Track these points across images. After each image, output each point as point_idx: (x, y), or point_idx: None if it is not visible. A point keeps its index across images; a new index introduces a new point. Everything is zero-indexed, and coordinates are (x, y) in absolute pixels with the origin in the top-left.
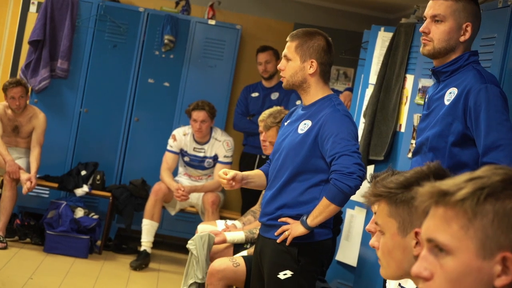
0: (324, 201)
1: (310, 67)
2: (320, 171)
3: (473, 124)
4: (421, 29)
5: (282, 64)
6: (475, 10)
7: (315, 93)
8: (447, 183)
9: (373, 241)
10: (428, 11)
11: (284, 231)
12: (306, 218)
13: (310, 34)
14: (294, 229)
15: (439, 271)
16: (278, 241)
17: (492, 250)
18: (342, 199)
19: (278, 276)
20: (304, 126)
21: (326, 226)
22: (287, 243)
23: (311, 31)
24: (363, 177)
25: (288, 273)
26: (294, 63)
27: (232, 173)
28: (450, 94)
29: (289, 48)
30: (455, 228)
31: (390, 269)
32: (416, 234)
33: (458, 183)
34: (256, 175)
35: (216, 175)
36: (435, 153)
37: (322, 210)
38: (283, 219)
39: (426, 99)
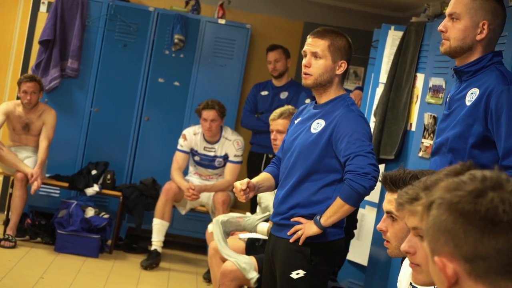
0: (338, 201)
1: (339, 67)
2: (333, 170)
3: (494, 126)
4: (439, 27)
5: (308, 61)
6: (494, 8)
7: (331, 92)
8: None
9: (381, 225)
10: (447, 10)
11: (297, 231)
12: (320, 218)
13: (339, 34)
14: (307, 228)
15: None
16: (291, 240)
17: (434, 253)
18: (357, 199)
19: (291, 275)
20: (317, 125)
21: (338, 226)
22: (300, 242)
23: (337, 31)
24: (377, 178)
25: (301, 273)
26: (326, 62)
27: (244, 182)
28: (472, 95)
29: (321, 46)
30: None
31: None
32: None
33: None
34: (265, 179)
35: (227, 174)
36: (455, 154)
37: (336, 210)
38: (296, 218)
39: (447, 99)
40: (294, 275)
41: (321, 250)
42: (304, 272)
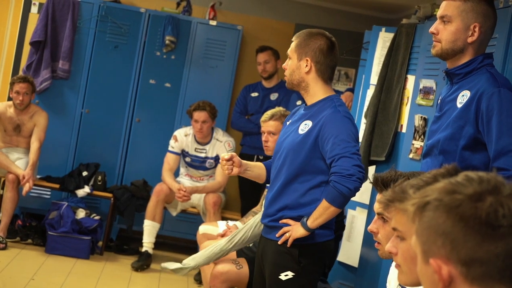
0: (323, 203)
1: (306, 65)
2: (320, 172)
3: (485, 128)
4: (430, 29)
5: (286, 63)
6: (485, 10)
7: (315, 93)
8: (425, 190)
9: (372, 226)
10: (438, 12)
11: (286, 233)
12: (307, 220)
13: (311, 34)
14: (294, 230)
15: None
16: (279, 242)
17: (428, 255)
18: (342, 201)
19: (280, 277)
20: (305, 126)
21: (327, 227)
22: (288, 244)
23: (314, 32)
24: (362, 179)
25: (290, 274)
26: (292, 62)
27: (229, 154)
28: (463, 97)
29: (291, 47)
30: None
31: (412, 276)
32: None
33: (427, 189)
34: (255, 166)
35: (218, 175)
36: (446, 156)
37: (322, 212)
38: (285, 220)
39: (438, 101)
40: (283, 276)
41: (310, 251)
42: (293, 274)
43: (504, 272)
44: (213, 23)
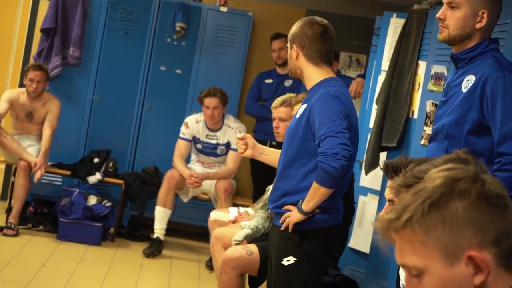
0: (314, 185)
1: (295, 53)
2: (316, 154)
3: (489, 113)
4: (437, 15)
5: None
6: None
7: (309, 78)
8: (395, 207)
9: (382, 213)
10: None
11: (287, 218)
12: (301, 204)
13: (300, 22)
14: (292, 215)
15: None
16: (282, 228)
17: (456, 254)
18: (330, 180)
19: (282, 262)
20: (301, 109)
21: (331, 212)
22: (290, 230)
23: (303, 20)
24: (349, 157)
25: (292, 259)
26: (288, 52)
27: (243, 134)
28: (468, 82)
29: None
30: (417, 247)
31: None
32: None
33: (404, 202)
34: (273, 151)
35: (229, 162)
36: (451, 140)
37: (314, 194)
38: (286, 206)
39: (444, 86)
40: (285, 261)
41: (311, 236)
42: (295, 259)
43: None
44: (224, 9)
